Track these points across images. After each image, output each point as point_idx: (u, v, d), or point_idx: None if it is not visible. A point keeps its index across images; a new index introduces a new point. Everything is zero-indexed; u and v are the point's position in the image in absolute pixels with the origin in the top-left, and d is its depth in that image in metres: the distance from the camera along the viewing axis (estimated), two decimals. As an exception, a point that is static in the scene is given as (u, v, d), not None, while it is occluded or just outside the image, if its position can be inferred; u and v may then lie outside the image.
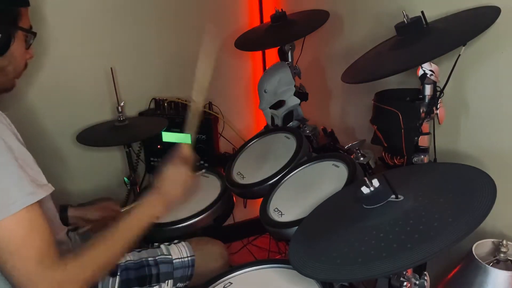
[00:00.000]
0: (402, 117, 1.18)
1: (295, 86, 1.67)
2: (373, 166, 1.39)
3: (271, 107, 1.69)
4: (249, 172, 1.50)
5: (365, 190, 0.85)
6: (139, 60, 1.94)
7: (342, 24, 1.72)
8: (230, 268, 1.16)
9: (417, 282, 0.91)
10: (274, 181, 1.39)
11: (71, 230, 1.31)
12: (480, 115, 1.20)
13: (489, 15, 1.04)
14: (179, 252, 1.24)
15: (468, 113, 1.23)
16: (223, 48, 2.11)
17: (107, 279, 1.12)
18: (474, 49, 1.14)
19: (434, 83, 1.13)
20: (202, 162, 1.91)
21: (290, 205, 1.28)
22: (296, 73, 1.71)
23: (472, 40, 1.07)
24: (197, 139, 1.90)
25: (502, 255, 1.03)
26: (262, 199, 1.37)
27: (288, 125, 1.69)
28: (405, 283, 0.91)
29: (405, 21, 1.14)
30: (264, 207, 1.32)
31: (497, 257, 1.04)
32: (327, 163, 1.35)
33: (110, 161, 1.95)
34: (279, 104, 1.68)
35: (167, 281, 1.19)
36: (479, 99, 1.19)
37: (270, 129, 1.69)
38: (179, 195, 1.12)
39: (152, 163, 1.97)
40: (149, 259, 1.19)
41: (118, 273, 1.13)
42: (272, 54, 2.15)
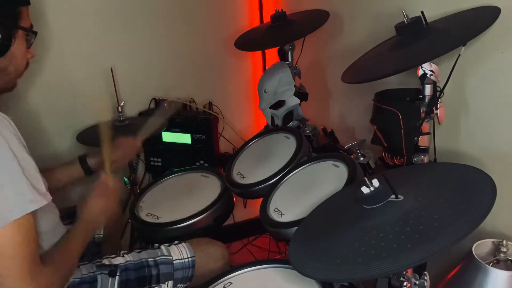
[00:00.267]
0: (402, 117, 1.18)
1: (295, 86, 1.67)
2: (373, 166, 1.39)
3: (271, 107, 1.69)
4: (249, 172, 1.50)
5: (365, 190, 0.85)
6: (139, 60, 1.94)
7: (342, 24, 1.72)
8: (230, 268, 1.16)
9: (417, 282, 0.91)
10: (274, 181, 1.39)
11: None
12: (480, 115, 1.20)
13: (489, 15, 1.04)
14: (179, 253, 1.23)
15: (468, 113, 1.23)
16: (223, 48, 2.11)
17: (106, 279, 1.12)
18: (474, 49, 1.14)
19: (434, 83, 1.13)
20: (202, 162, 1.91)
21: (290, 205, 1.28)
22: (296, 73, 1.71)
23: (472, 40, 1.07)
24: (197, 139, 1.90)
25: (502, 255, 1.03)
26: (262, 199, 1.37)
27: (288, 125, 1.69)
28: (405, 283, 0.91)
29: (405, 21, 1.14)
30: (264, 207, 1.32)
31: (497, 257, 1.04)
32: (327, 163, 1.35)
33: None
34: (279, 104, 1.68)
35: (167, 282, 1.19)
36: (479, 99, 1.19)
37: (270, 129, 1.69)
38: (104, 222, 1.16)
39: (152, 163, 1.97)
40: (149, 259, 1.19)
41: (118, 274, 1.13)
42: (272, 54, 2.15)
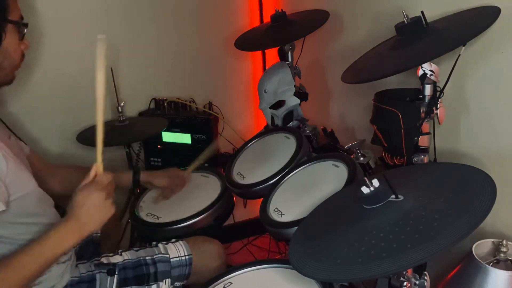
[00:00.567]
0: (402, 117, 1.18)
1: (295, 86, 1.67)
2: (373, 166, 1.39)
3: (271, 107, 1.69)
4: (249, 172, 1.50)
5: (365, 190, 0.85)
6: (139, 60, 1.94)
7: (342, 24, 1.72)
8: (230, 268, 1.16)
9: (417, 282, 0.91)
10: (274, 181, 1.39)
11: None
12: (480, 115, 1.20)
13: (489, 15, 1.04)
14: (176, 251, 1.24)
15: (468, 113, 1.23)
16: (223, 48, 2.11)
17: (105, 278, 1.12)
18: (474, 49, 1.14)
19: (434, 83, 1.13)
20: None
21: (290, 205, 1.28)
22: (296, 73, 1.71)
23: (472, 40, 1.07)
24: (197, 139, 1.90)
25: (502, 255, 1.03)
26: (262, 199, 1.37)
27: (288, 125, 1.69)
28: (405, 283, 0.91)
29: (405, 21, 1.14)
30: (264, 207, 1.32)
31: (497, 257, 1.04)
32: (327, 163, 1.35)
33: (110, 161, 1.94)
34: (279, 104, 1.68)
35: (164, 280, 1.19)
36: (479, 99, 1.19)
37: (270, 129, 1.69)
38: (95, 226, 0.99)
39: (152, 163, 1.97)
40: (146, 258, 1.20)
41: (116, 272, 1.13)
42: (272, 54, 2.15)
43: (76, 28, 1.77)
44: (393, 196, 0.85)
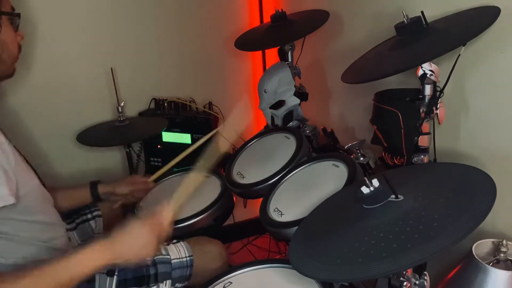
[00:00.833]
0: (402, 117, 1.18)
1: (295, 86, 1.67)
2: (373, 166, 1.39)
3: (271, 107, 1.69)
4: (249, 172, 1.50)
5: (365, 190, 0.85)
6: (139, 60, 1.94)
7: (342, 24, 1.72)
8: (230, 268, 1.16)
9: (417, 282, 0.91)
10: (274, 181, 1.39)
11: (69, 230, 1.31)
12: (480, 115, 1.20)
13: (489, 15, 1.04)
14: (177, 252, 1.23)
15: (468, 113, 1.23)
16: (223, 48, 2.11)
17: (104, 279, 1.12)
18: (474, 49, 1.14)
19: (434, 83, 1.13)
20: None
21: (290, 205, 1.28)
22: (296, 73, 1.71)
23: (472, 40, 1.07)
24: (197, 139, 1.90)
25: (502, 255, 1.03)
26: (262, 199, 1.37)
27: (288, 125, 1.69)
28: (405, 283, 0.91)
29: (405, 21, 1.14)
30: (264, 207, 1.32)
31: (497, 257, 1.04)
32: (327, 163, 1.35)
33: (110, 161, 1.95)
34: (279, 104, 1.68)
35: (165, 281, 1.18)
36: (479, 99, 1.19)
37: (270, 129, 1.69)
38: (130, 259, 0.97)
39: (152, 163, 1.97)
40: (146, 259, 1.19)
41: (116, 273, 1.13)
42: (272, 54, 2.15)
43: (76, 28, 1.77)
44: (393, 196, 0.85)
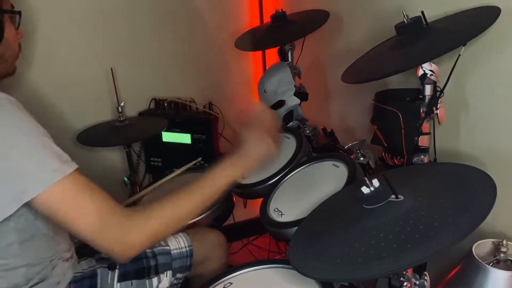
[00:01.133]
0: (402, 117, 1.18)
1: (295, 86, 1.67)
2: (373, 166, 1.39)
3: (271, 107, 1.69)
4: (249, 172, 1.50)
5: (365, 190, 0.85)
6: (139, 60, 1.94)
7: (342, 24, 1.72)
8: (230, 268, 1.16)
9: (417, 282, 0.91)
10: (274, 181, 1.39)
11: None
12: (480, 115, 1.20)
13: (489, 15, 1.04)
14: (177, 242, 1.23)
15: (468, 113, 1.23)
16: (223, 48, 2.11)
17: (106, 273, 1.12)
18: (474, 49, 1.14)
19: (434, 83, 1.13)
20: (202, 162, 1.91)
21: (290, 205, 1.28)
22: (296, 73, 1.71)
23: (472, 40, 1.07)
24: (197, 139, 1.90)
25: (502, 255, 1.03)
26: (262, 199, 1.37)
27: (288, 125, 1.69)
28: (405, 283, 0.91)
29: (405, 21, 1.14)
30: (264, 207, 1.32)
31: (497, 257, 1.04)
32: (327, 163, 1.35)
33: (110, 161, 1.95)
34: (279, 104, 1.68)
35: (166, 272, 1.18)
36: (479, 99, 1.19)
37: (270, 129, 1.69)
38: (259, 161, 1.09)
39: (152, 163, 1.97)
40: (147, 251, 1.19)
41: (117, 267, 1.13)
42: (272, 54, 2.15)
43: (76, 28, 1.77)
44: (393, 196, 0.85)
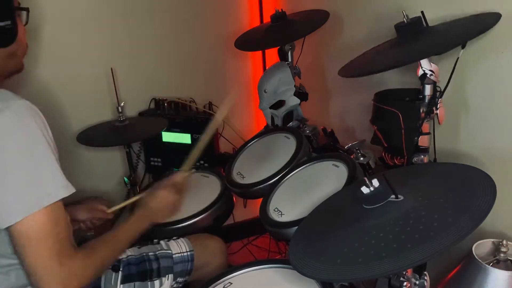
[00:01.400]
0: (402, 117, 1.18)
1: (295, 86, 1.67)
2: (373, 166, 1.39)
3: (271, 107, 1.69)
4: (249, 172, 1.50)
5: (365, 190, 0.85)
6: (139, 60, 1.94)
7: (342, 24, 1.72)
8: (230, 268, 1.16)
9: (417, 282, 0.91)
10: (274, 181, 1.39)
11: None
12: (480, 115, 1.20)
13: (489, 19, 1.04)
14: (178, 247, 1.25)
15: (468, 113, 1.23)
16: (223, 48, 2.11)
17: (110, 274, 1.13)
18: (474, 49, 1.14)
19: (434, 83, 1.13)
20: (202, 162, 1.91)
21: (290, 205, 1.28)
22: (296, 73, 1.71)
23: (472, 40, 1.07)
24: (197, 139, 1.90)
25: (502, 255, 1.03)
26: (262, 199, 1.37)
27: (288, 125, 1.69)
28: (405, 283, 0.91)
29: (405, 21, 1.14)
30: (264, 207, 1.32)
31: (497, 257, 1.04)
32: (327, 163, 1.35)
33: (110, 161, 1.94)
34: (279, 104, 1.68)
35: (167, 276, 1.20)
36: (479, 99, 1.19)
37: (270, 129, 1.69)
38: (164, 217, 1.21)
39: (152, 163, 1.97)
40: (149, 254, 1.21)
41: (121, 268, 1.15)
42: (272, 54, 2.15)
43: (76, 28, 1.77)
44: (393, 196, 0.85)
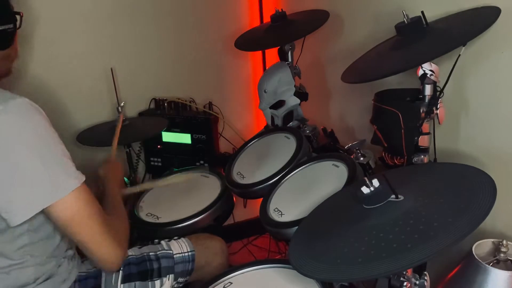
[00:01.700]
0: (402, 117, 1.18)
1: (295, 86, 1.67)
2: (373, 166, 1.39)
3: (271, 107, 1.69)
4: (249, 172, 1.50)
5: (365, 190, 0.85)
6: (139, 60, 1.94)
7: (342, 24, 1.72)
8: (230, 268, 1.16)
9: (417, 282, 0.91)
10: (274, 181, 1.39)
11: None
12: (480, 115, 1.20)
13: (489, 15, 1.04)
14: (179, 247, 1.25)
15: (468, 113, 1.23)
16: (223, 48, 2.11)
17: (110, 274, 1.13)
18: (474, 49, 1.14)
19: (434, 83, 1.13)
20: (202, 162, 1.91)
21: (290, 205, 1.28)
22: (296, 73, 1.71)
23: (472, 40, 1.07)
24: (197, 139, 1.90)
25: (502, 255, 1.03)
26: (262, 199, 1.37)
27: (288, 125, 1.69)
28: (405, 283, 0.91)
29: (405, 21, 1.14)
30: (264, 207, 1.32)
31: (497, 257, 1.04)
32: (327, 163, 1.35)
33: (110, 161, 1.94)
34: (279, 104, 1.68)
35: (168, 276, 1.20)
36: (479, 99, 1.19)
37: (270, 129, 1.69)
38: (118, 178, 1.37)
39: (152, 163, 1.97)
40: (150, 253, 1.21)
41: (121, 268, 1.14)
42: (272, 54, 2.14)
43: (76, 29, 1.77)
44: (393, 196, 0.85)
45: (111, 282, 1.13)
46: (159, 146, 1.94)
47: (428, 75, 1.10)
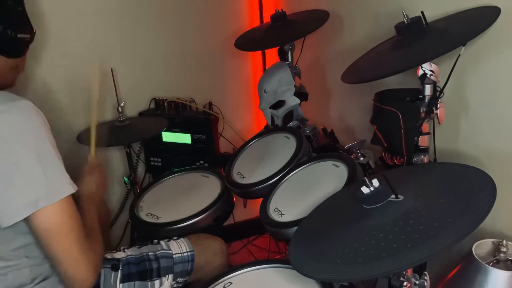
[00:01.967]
0: (402, 117, 1.18)
1: (295, 86, 1.67)
2: (373, 166, 1.39)
3: (271, 107, 1.69)
4: (249, 172, 1.50)
5: (365, 190, 0.85)
6: (139, 60, 1.94)
7: (342, 24, 1.72)
8: (230, 268, 1.16)
9: (417, 282, 0.91)
10: (274, 181, 1.39)
11: None
12: (480, 115, 1.20)
13: (489, 15, 1.04)
14: (178, 247, 1.25)
15: (468, 113, 1.23)
16: (223, 48, 2.11)
17: (109, 273, 1.13)
18: (474, 49, 1.14)
19: (434, 83, 1.13)
20: (202, 162, 1.91)
21: (290, 205, 1.28)
22: (296, 73, 1.71)
23: (472, 40, 1.07)
24: (197, 139, 1.91)
25: (502, 255, 1.03)
26: (262, 199, 1.37)
27: (288, 125, 1.69)
28: (405, 283, 0.91)
29: (405, 21, 1.14)
30: (264, 207, 1.32)
31: (497, 257, 1.04)
32: (327, 163, 1.35)
33: (110, 161, 1.94)
34: (279, 104, 1.68)
35: (167, 276, 1.20)
36: (479, 99, 1.19)
37: (270, 129, 1.69)
38: (100, 193, 1.27)
39: (152, 163, 1.97)
40: (149, 253, 1.21)
41: (120, 268, 1.15)
42: (272, 54, 2.14)
43: (76, 29, 1.77)
44: (393, 196, 0.85)
45: (110, 282, 1.13)
46: (159, 146, 1.94)
47: (428, 75, 1.10)
